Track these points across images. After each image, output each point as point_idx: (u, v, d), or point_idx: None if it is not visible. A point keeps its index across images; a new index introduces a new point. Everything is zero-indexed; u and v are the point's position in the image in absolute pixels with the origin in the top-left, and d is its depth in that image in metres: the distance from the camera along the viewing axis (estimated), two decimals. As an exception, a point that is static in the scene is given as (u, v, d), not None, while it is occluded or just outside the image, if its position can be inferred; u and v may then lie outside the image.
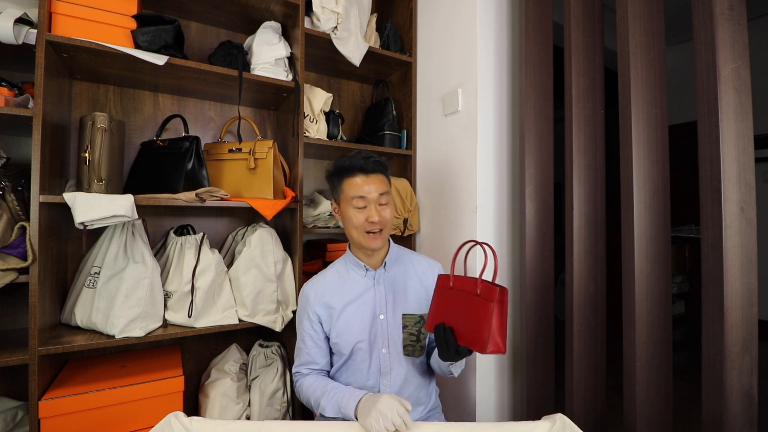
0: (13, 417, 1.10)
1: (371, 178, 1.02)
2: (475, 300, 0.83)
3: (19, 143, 1.24)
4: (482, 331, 0.79)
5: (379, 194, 1.02)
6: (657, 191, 1.01)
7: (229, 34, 1.56)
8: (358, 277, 1.08)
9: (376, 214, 1.00)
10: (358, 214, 1.01)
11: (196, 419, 0.82)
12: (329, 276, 1.11)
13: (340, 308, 1.05)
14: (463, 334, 0.84)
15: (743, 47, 0.84)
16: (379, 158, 1.05)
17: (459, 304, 0.87)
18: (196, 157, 1.28)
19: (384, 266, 1.08)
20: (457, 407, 1.39)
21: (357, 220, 1.01)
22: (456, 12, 1.45)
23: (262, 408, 1.29)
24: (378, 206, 1.02)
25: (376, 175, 1.03)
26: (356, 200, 1.01)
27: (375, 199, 1.01)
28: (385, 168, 1.06)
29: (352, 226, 1.03)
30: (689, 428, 1.71)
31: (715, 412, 0.84)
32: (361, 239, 1.03)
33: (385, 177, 1.06)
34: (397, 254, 1.12)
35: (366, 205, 1.01)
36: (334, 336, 1.04)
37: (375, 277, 1.07)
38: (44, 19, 1.03)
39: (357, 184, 1.01)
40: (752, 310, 0.83)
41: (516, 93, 1.42)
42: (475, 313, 0.82)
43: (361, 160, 1.02)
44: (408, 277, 1.09)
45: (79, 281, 1.20)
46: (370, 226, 1.01)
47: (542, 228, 1.29)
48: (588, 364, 1.15)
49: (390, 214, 1.04)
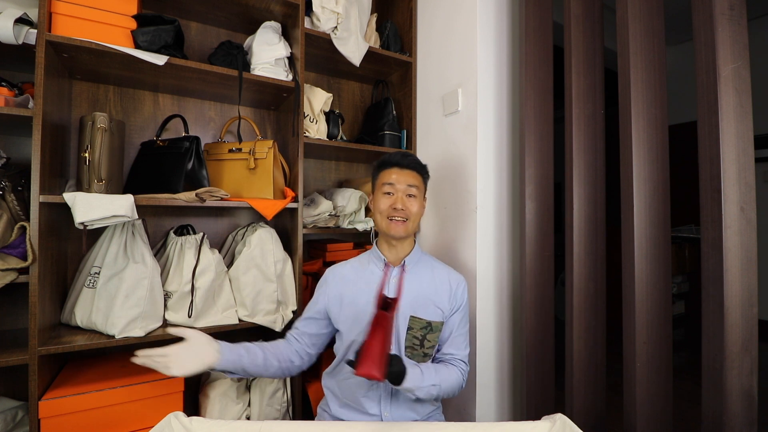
0: (13, 417, 1.10)
1: (404, 172, 1.09)
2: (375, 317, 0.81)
3: (19, 143, 1.24)
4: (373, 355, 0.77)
5: (408, 185, 1.08)
6: (657, 191, 1.00)
7: (229, 34, 1.56)
8: (376, 270, 1.11)
9: (400, 202, 1.06)
10: (384, 199, 1.08)
11: (196, 419, 0.82)
12: (350, 264, 1.15)
13: (351, 296, 1.07)
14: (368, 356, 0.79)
15: (743, 47, 0.84)
16: (418, 159, 1.14)
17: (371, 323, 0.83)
18: (196, 157, 1.28)
19: (403, 265, 1.10)
20: (457, 407, 1.39)
21: (383, 204, 1.08)
22: (456, 12, 1.45)
23: (262, 408, 1.29)
24: (405, 196, 1.08)
25: (410, 171, 1.10)
26: (385, 186, 1.09)
27: (403, 189, 1.08)
28: (421, 168, 1.13)
29: (378, 211, 1.09)
30: (689, 428, 1.71)
31: (715, 412, 0.84)
32: (383, 224, 1.08)
33: (419, 175, 1.12)
34: (419, 258, 1.14)
35: (393, 192, 1.08)
36: (341, 324, 1.06)
37: (391, 273, 1.10)
38: (44, 19, 1.03)
39: (389, 174, 1.10)
40: (752, 310, 0.83)
41: (516, 93, 1.42)
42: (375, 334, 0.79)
43: (399, 156, 1.11)
44: (426, 282, 1.10)
45: (79, 281, 1.20)
46: (393, 212, 1.06)
47: (542, 228, 1.29)
48: (588, 364, 1.15)
49: (416, 208, 1.09)
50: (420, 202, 1.10)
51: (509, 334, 1.40)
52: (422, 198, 1.12)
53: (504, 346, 1.39)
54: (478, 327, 1.31)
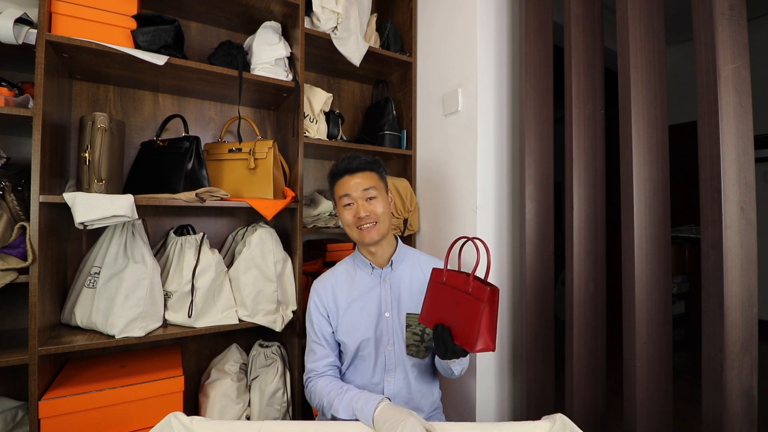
0: (13, 417, 1.10)
1: (356, 176, 1.05)
2: (466, 298, 0.83)
3: (19, 143, 1.24)
4: (472, 329, 0.80)
5: (364, 189, 1.04)
6: (657, 191, 1.00)
7: (229, 34, 1.56)
8: (364, 275, 1.09)
9: (362, 209, 1.03)
10: (346, 212, 1.05)
11: (196, 419, 0.82)
12: (338, 273, 1.12)
13: (345, 305, 1.06)
14: (456, 333, 0.84)
15: (743, 47, 0.84)
16: (365, 157, 1.08)
17: (451, 300, 0.87)
18: (196, 157, 1.28)
19: (390, 265, 1.09)
20: (457, 407, 1.39)
21: (347, 218, 1.05)
22: (456, 12, 1.45)
23: (262, 408, 1.29)
24: (365, 201, 1.04)
25: (362, 172, 1.05)
26: (342, 199, 1.05)
27: (360, 195, 1.04)
28: (372, 164, 1.08)
29: (346, 225, 1.06)
30: (689, 428, 1.71)
31: (715, 412, 0.84)
32: (355, 235, 1.06)
33: (374, 173, 1.07)
34: (404, 254, 1.12)
35: (352, 203, 1.04)
36: (341, 333, 1.05)
37: (381, 276, 1.09)
38: (44, 19, 1.03)
39: (342, 184, 1.06)
40: (752, 310, 0.83)
41: (516, 93, 1.42)
42: (465, 311, 0.82)
43: (345, 162, 1.06)
44: (414, 276, 1.09)
45: (79, 281, 1.20)
46: (358, 222, 1.03)
47: (542, 228, 1.29)
48: (588, 364, 1.15)
49: (381, 207, 1.04)
50: (383, 200, 1.05)
51: (509, 333, 1.40)
52: (385, 194, 1.08)
53: (504, 345, 1.39)
54: (478, 327, 1.31)
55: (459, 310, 0.84)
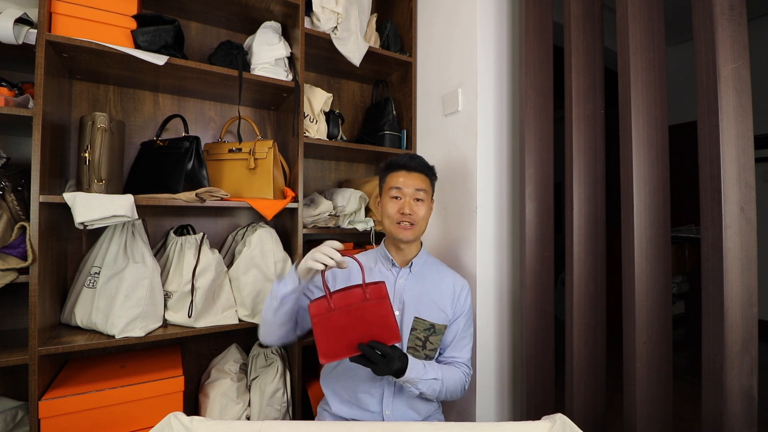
0: (13, 417, 1.10)
1: (412, 175, 1.09)
2: (370, 305, 0.88)
3: (19, 143, 1.24)
4: (391, 325, 0.88)
5: (415, 189, 1.08)
6: (657, 191, 1.00)
7: (229, 34, 1.56)
8: (383, 269, 1.12)
9: (408, 207, 1.06)
10: (391, 204, 1.08)
11: (196, 419, 0.82)
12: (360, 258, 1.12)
13: None
14: (378, 339, 0.89)
15: (743, 47, 0.84)
16: (425, 162, 1.13)
17: (355, 318, 0.88)
18: (196, 157, 1.28)
19: (410, 266, 1.10)
20: (457, 407, 1.39)
21: (391, 209, 1.08)
22: (456, 12, 1.45)
23: (262, 408, 1.29)
24: (412, 200, 1.07)
25: (418, 174, 1.10)
26: (393, 191, 1.08)
27: (411, 193, 1.08)
28: (428, 170, 1.13)
29: (386, 215, 1.09)
30: (689, 428, 1.71)
31: (715, 412, 0.84)
32: (392, 228, 1.08)
33: (427, 178, 1.12)
34: (426, 260, 1.14)
35: (401, 197, 1.08)
36: None
37: (399, 274, 1.10)
38: (44, 19, 1.03)
39: (397, 177, 1.09)
40: (752, 310, 0.83)
41: (516, 93, 1.42)
42: (376, 315, 0.88)
43: (407, 159, 1.11)
44: (431, 285, 1.10)
45: (79, 281, 1.20)
46: (401, 217, 1.06)
47: (542, 228, 1.29)
48: (588, 364, 1.15)
49: (424, 212, 1.09)
50: (428, 206, 1.10)
51: (509, 333, 1.40)
52: (430, 201, 1.12)
53: (504, 345, 1.39)
54: (478, 327, 1.31)
55: (369, 319, 0.88)
